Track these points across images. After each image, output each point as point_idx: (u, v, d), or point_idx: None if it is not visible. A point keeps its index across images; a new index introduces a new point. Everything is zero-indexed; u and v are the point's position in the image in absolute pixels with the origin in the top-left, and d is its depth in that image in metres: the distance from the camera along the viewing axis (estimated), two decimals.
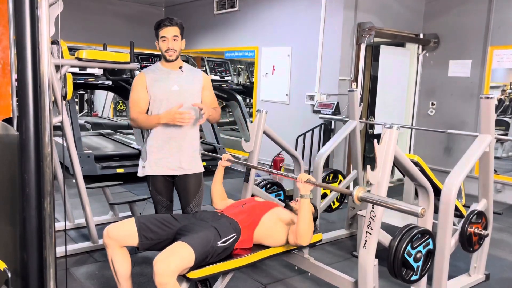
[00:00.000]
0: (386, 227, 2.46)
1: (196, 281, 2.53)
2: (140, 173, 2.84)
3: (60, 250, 2.57)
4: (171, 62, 2.76)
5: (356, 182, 3.97)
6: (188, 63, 7.98)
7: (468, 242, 2.87)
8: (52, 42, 3.02)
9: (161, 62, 2.83)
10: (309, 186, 2.29)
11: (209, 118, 2.75)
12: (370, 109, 5.65)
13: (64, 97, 3.19)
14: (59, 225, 3.61)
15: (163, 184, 2.82)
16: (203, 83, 2.86)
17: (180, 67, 2.82)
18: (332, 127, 5.29)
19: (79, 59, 3.20)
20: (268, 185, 3.55)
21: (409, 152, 6.07)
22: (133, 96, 2.77)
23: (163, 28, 2.68)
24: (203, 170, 2.91)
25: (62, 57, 3.11)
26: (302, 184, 2.28)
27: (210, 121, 2.91)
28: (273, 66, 6.05)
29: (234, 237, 2.29)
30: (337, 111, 5.08)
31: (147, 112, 2.76)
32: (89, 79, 6.08)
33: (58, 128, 3.13)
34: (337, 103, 5.12)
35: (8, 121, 2.65)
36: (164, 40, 2.70)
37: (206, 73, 7.82)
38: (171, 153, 2.75)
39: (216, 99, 2.97)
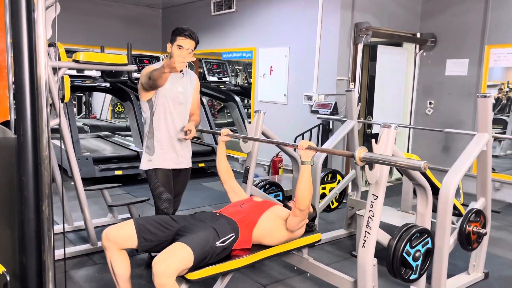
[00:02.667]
0: (385, 227, 2.46)
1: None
2: (146, 166, 2.94)
3: (59, 253, 2.56)
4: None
5: (354, 182, 3.97)
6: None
7: (466, 241, 2.87)
8: (49, 45, 3.02)
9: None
10: (310, 152, 2.33)
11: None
12: (368, 109, 5.65)
13: (62, 99, 3.19)
14: (58, 228, 3.60)
15: (167, 177, 2.96)
16: (195, 84, 3.11)
17: (181, 71, 2.97)
18: (330, 127, 5.29)
19: (77, 61, 3.20)
20: (267, 186, 3.55)
21: (407, 151, 6.08)
22: (147, 71, 2.76)
23: (183, 38, 2.79)
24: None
25: (59, 59, 3.11)
26: (303, 150, 2.32)
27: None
28: (271, 66, 6.05)
29: (232, 237, 2.29)
30: (335, 111, 5.09)
31: (151, 104, 2.90)
32: (86, 81, 6.07)
33: (56, 131, 3.13)
34: (335, 103, 5.13)
35: (6, 124, 2.65)
36: (179, 48, 2.79)
37: (204, 74, 7.89)
38: (176, 149, 2.98)
39: (199, 101, 3.22)
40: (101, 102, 10.55)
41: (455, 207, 2.97)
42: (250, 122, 3.18)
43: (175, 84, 2.93)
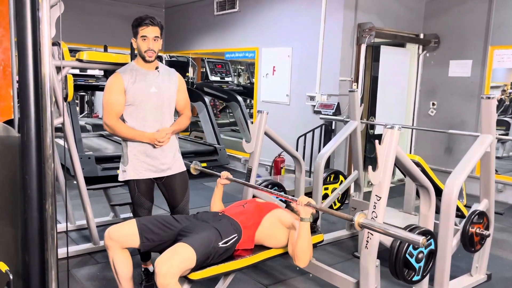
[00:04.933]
0: None
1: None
2: (121, 178, 2.75)
3: (61, 252, 2.57)
4: (148, 63, 2.67)
5: (357, 183, 3.97)
6: (189, 64, 8.02)
7: (469, 242, 2.87)
8: (53, 44, 3.03)
9: (136, 62, 2.71)
10: (309, 210, 2.22)
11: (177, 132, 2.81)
12: (370, 110, 5.65)
13: (65, 98, 3.20)
14: (61, 227, 3.62)
15: (146, 186, 2.77)
16: (178, 84, 2.82)
17: (156, 68, 2.72)
18: (333, 127, 5.29)
19: (80, 60, 3.21)
20: (269, 186, 3.54)
21: (410, 152, 6.07)
22: (109, 99, 2.63)
23: (144, 27, 2.59)
24: (185, 169, 2.88)
25: (63, 58, 3.11)
26: (302, 207, 2.21)
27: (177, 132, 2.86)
28: (274, 66, 6.05)
29: (235, 238, 2.29)
30: (337, 111, 5.08)
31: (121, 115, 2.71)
32: (89, 81, 6.08)
33: (59, 130, 3.13)
34: (338, 103, 5.12)
35: (10, 122, 2.65)
36: (145, 39, 2.60)
37: (207, 74, 7.88)
38: (153, 156, 2.71)
39: (189, 102, 2.92)
40: None
41: (458, 209, 2.96)
42: (252, 122, 3.17)
43: (147, 84, 2.65)
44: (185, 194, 2.85)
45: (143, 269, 2.95)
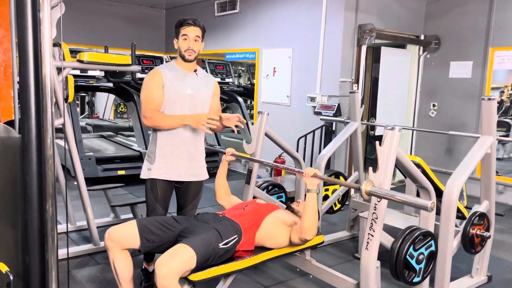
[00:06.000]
0: (388, 229, 2.45)
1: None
2: (145, 175, 2.68)
3: (62, 253, 2.57)
4: (187, 63, 2.66)
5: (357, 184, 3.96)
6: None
7: (470, 244, 2.86)
8: (54, 45, 3.03)
9: (176, 62, 2.70)
10: (316, 181, 2.27)
11: (216, 129, 2.74)
12: (371, 111, 5.65)
13: (66, 99, 3.20)
14: (61, 227, 3.61)
15: (164, 191, 2.69)
16: (214, 89, 2.81)
17: (195, 70, 2.73)
18: (333, 128, 5.29)
19: (81, 61, 3.21)
20: (270, 187, 3.54)
21: (411, 154, 6.07)
22: (148, 93, 2.60)
23: (186, 26, 2.60)
24: (208, 177, 2.85)
25: (63, 59, 3.12)
26: (309, 178, 2.27)
27: (216, 131, 2.82)
28: (274, 67, 6.05)
29: (235, 239, 2.29)
30: (338, 112, 5.08)
31: None
32: (90, 81, 6.08)
33: (60, 130, 3.13)
34: (338, 104, 5.12)
35: (10, 123, 2.66)
36: (185, 39, 2.60)
37: None
38: (182, 159, 2.67)
39: (220, 107, 2.91)
40: (104, 102, 10.57)
41: (458, 210, 2.96)
42: (253, 123, 3.17)
43: (184, 85, 2.64)
44: (194, 199, 2.83)
45: (142, 269, 2.95)
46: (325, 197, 3.78)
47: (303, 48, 5.62)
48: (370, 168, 2.15)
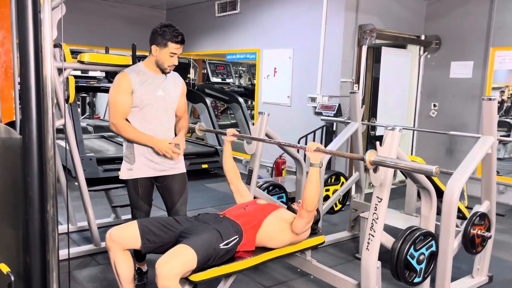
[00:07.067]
0: (389, 229, 2.45)
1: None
2: (127, 176, 2.71)
3: (62, 253, 2.57)
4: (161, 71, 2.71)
5: (358, 184, 3.96)
6: (190, 65, 8.03)
7: (471, 244, 2.86)
8: (55, 45, 3.03)
9: (145, 64, 2.70)
10: (319, 155, 2.30)
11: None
12: (371, 111, 5.65)
13: (67, 100, 3.20)
14: (62, 228, 3.62)
15: (146, 188, 2.75)
16: (182, 89, 2.85)
17: (164, 72, 2.74)
18: (334, 129, 5.29)
19: (81, 62, 3.21)
20: (270, 187, 3.55)
21: (411, 154, 6.06)
22: (116, 99, 2.62)
23: (177, 45, 2.60)
24: (186, 170, 2.89)
25: (64, 60, 3.12)
26: (312, 152, 2.29)
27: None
28: (275, 68, 6.05)
29: (236, 240, 2.29)
30: (338, 113, 5.08)
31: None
32: (91, 82, 6.09)
33: (61, 131, 3.13)
34: (339, 105, 5.12)
35: (11, 124, 2.66)
36: (172, 56, 2.62)
37: (208, 75, 7.89)
38: (160, 155, 2.71)
39: (187, 106, 2.97)
40: (105, 103, 10.58)
41: (459, 210, 2.96)
42: (254, 124, 3.18)
43: (155, 87, 2.67)
44: (182, 194, 2.83)
45: (136, 269, 2.94)
46: (326, 198, 3.78)
47: (303, 48, 5.62)
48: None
